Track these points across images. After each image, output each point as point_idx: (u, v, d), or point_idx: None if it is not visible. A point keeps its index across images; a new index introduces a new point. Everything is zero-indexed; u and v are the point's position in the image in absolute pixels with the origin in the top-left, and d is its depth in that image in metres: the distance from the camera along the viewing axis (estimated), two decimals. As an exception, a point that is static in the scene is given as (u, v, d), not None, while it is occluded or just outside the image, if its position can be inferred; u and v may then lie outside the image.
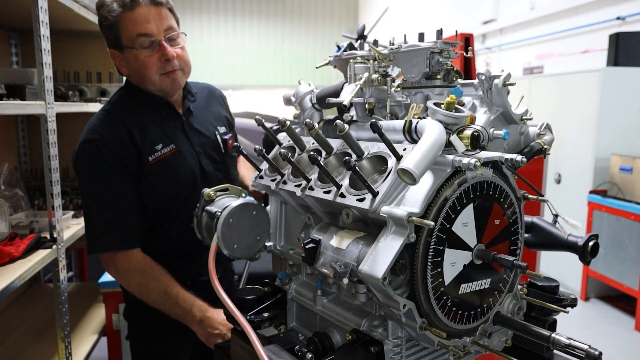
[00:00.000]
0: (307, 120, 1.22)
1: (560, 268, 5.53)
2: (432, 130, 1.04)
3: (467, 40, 2.95)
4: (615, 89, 4.97)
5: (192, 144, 1.85)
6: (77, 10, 2.25)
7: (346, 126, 1.12)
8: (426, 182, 1.03)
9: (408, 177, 0.97)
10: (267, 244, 1.49)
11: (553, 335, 1.08)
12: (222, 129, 1.97)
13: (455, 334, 1.13)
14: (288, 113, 2.08)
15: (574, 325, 4.69)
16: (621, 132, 5.06)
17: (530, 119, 1.29)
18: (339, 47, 1.58)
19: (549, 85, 5.79)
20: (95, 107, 2.52)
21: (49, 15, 1.96)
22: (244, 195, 1.56)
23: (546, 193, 5.42)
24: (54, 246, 1.97)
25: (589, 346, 1.03)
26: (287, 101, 1.62)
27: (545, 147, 1.30)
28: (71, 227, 2.25)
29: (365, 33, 1.57)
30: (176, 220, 1.80)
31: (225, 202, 1.45)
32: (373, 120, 1.11)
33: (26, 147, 3.14)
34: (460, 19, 8.60)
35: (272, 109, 5.90)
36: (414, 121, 1.12)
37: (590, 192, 5.09)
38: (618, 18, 5.60)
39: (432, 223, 0.96)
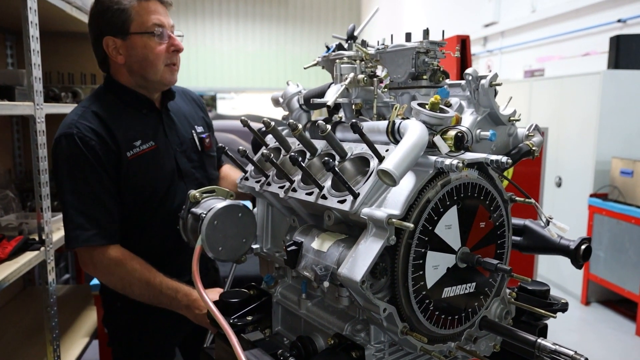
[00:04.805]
0: (291, 120, 1.21)
1: (560, 272, 5.49)
2: (413, 131, 1.02)
3: (464, 42, 2.93)
4: (616, 92, 4.94)
5: (170, 142, 1.86)
6: (69, 11, 2.25)
7: (328, 127, 1.10)
8: (408, 184, 1.01)
9: (388, 179, 0.95)
10: (254, 246, 1.47)
11: (539, 341, 1.06)
12: (200, 129, 1.98)
13: (439, 339, 1.11)
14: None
15: (574, 330, 4.65)
16: (622, 135, 5.02)
17: (518, 120, 1.27)
18: (328, 48, 1.56)
19: (550, 88, 5.76)
20: (88, 109, 2.50)
21: (41, 17, 1.95)
22: (231, 197, 1.54)
23: (546, 196, 5.39)
24: (42, 248, 1.95)
25: (575, 352, 1.01)
26: (276, 102, 1.61)
27: (533, 148, 1.28)
28: (61, 229, 2.23)
29: (355, 34, 1.55)
30: (154, 218, 1.80)
31: (210, 204, 1.43)
32: (354, 120, 1.09)
33: (21, 149, 3.14)
34: (462, 22, 8.59)
35: (274, 111, 5.88)
36: (397, 122, 1.10)
37: (591, 196, 5.05)
38: (619, 21, 5.57)
39: (412, 225, 0.94)
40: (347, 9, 12.76)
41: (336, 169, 1.00)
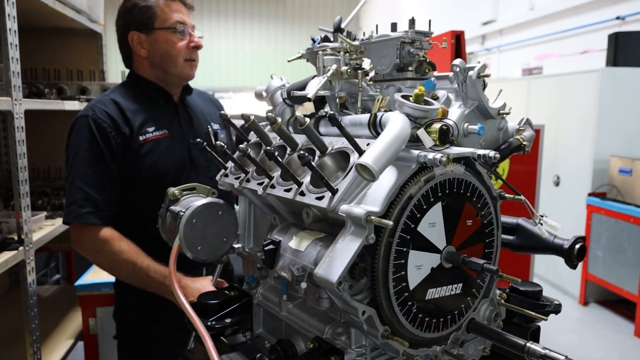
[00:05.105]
0: (269, 114, 1.15)
1: (559, 272, 5.44)
2: (394, 123, 0.96)
3: (458, 38, 2.87)
4: (614, 90, 4.88)
5: (185, 133, 1.92)
6: (51, 5, 2.19)
7: (307, 120, 1.05)
8: (389, 179, 0.96)
9: (367, 174, 0.90)
10: (235, 245, 1.42)
11: (528, 344, 1.00)
12: (216, 126, 2.05)
13: (423, 343, 1.05)
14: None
15: (572, 331, 4.60)
16: (620, 133, 4.97)
17: (507, 114, 1.22)
18: (313, 41, 1.51)
19: (548, 86, 5.71)
20: (73, 105, 2.45)
21: (24, 11, 1.91)
22: (213, 194, 1.48)
23: (544, 195, 5.34)
24: (21, 248, 1.90)
25: (566, 357, 0.95)
26: (259, 96, 1.55)
27: (524, 143, 1.23)
28: (44, 228, 2.19)
29: (342, 26, 1.50)
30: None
31: (189, 202, 1.38)
32: (331, 112, 1.04)
33: (8, 147, 3.07)
34: (460, 20, 8.53)
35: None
36: (379, 114, 1.05)
37: (589, 195, 5.00)
38: (617, 18, 5.52)
39: (391, 223, 0.88)
40: (346, 8, 12.68)
41: (312, 163, 0.94)
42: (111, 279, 2.62)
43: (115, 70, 3.26)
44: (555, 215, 5.57)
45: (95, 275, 2.60)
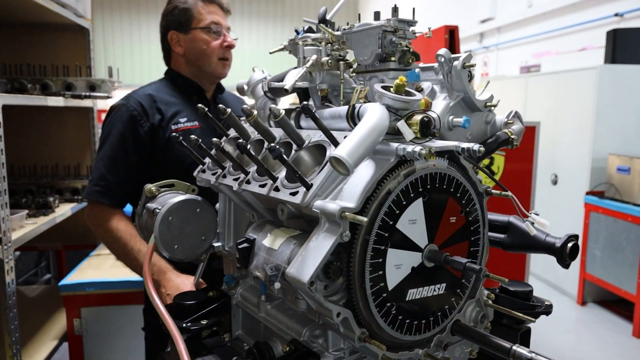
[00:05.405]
0: (245, 106, 1.10)
1: (556, 272, 5.39)
2: (371, 114, 0.91)
3: (452, 33, 2.82)
4: (612, 87, 4.83)
5: (215, 128, 1.99)
6: (34, -2, 2.14)
7: (282, 111, 1.00)
8: (366, 174, 0.91)
9: (341, 167, 0.85)
10: (215, 244, 1.37)
11: (514, 348, 0.95)
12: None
13: (404, 346, 1.00)
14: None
15: (570, 331, 4.55)
16: (619, 131, 4.91)
17: (494, 106, 1.16)
18: (297, 32, 1.46)
19: (546, 84, 5.65)
20: (57, 101, 2.40)
21: (8, 7, 1.85)
22: (193, 191, 1.43)
23: (542, 194, 5.29)
24: (-1, 247, 1.85)
25: (553, 361, 0.90)
26: (241, 90, 1.51)
27: (512, 137, 1.18)
28: (25, 227, 2.13)
29: (328, 17, 1.45)
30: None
31: (166, 199, 1.33)
32: (305, 102, 0.99)
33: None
34: (458, 18, 8.47)
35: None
36: (357, 106, 1.00)
37: (587, 194, 4.94)
38: (616, 14, 5.46)
39: (365, 219, 0.83)
40: (345, 7, 12.63)
41: (284, 156, 0.89)
42: (96, 278, 2.60)
43: (104, 66, 3.21)
44: (553, 214, 5.53)
45: (81, 275, 2.55)
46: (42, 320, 2.62)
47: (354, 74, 1.25)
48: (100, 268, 2.69)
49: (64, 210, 2.55)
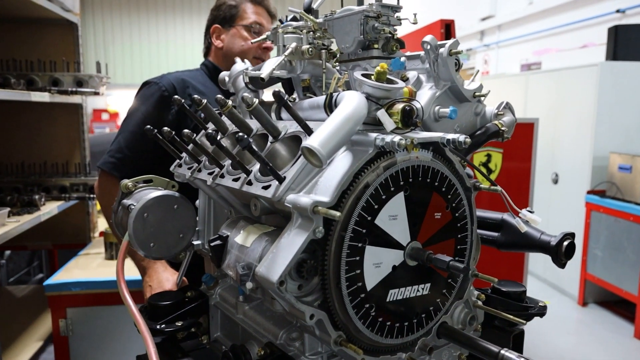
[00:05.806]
0: (219, 96, 1.04)
1: (556, 272, 5.31)
2: (347, 102, 0.85)
3: (448, 27, 2.76)
4: (613, 84, 4.75)
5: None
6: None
7: (255, 100, 0.94)
8: (342, 165, 0.85)
9: (314, 158, 0.79)
10: (195, 242, 1.31)
11: (502, 352, 0.90)
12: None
13: (385, 349, 0.94)
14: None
15: (571, 333, 4.48)
16: (620, 129, 4.84)
17: (484, 96, 1.10)
18: (281, 22, 1.40)
19: (546, 82, 5.58)
20: (42, 97, 2.34)
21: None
22: (173, 187, 1.37)
23: (542, 193, 5.22)
24: (-22, 245, 1.79)
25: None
26: (222, 82, 1.45)
27: (502, 129, 1.12)
28: (7, 225, 2.08)
29: (314, 6, 1.39)
30: None
31: (142, 195, 1.27)
32: (276, 89, 0.93)
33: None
34: (458, 16, 8.41)
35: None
36: (335, 94, 0.94)
37: (588, 193, 4.87)
38: (618, 11, 5.39)
39: (338, 214, 0.77)
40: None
41: (252, 146, 0.83)
42: (82, 278, 2.55)
43: (93, 61, 3.15)
44: (553, 214, 5.46)
45: (67, 275, 2.49)
46: (28, 321, 2.57)
47: (336, 63, 1.19)
48: (87, 268, 2.63)
49: (50, 209, 2.50)
